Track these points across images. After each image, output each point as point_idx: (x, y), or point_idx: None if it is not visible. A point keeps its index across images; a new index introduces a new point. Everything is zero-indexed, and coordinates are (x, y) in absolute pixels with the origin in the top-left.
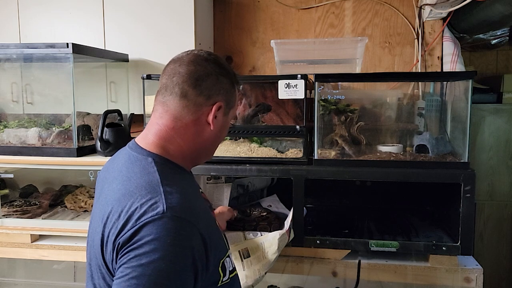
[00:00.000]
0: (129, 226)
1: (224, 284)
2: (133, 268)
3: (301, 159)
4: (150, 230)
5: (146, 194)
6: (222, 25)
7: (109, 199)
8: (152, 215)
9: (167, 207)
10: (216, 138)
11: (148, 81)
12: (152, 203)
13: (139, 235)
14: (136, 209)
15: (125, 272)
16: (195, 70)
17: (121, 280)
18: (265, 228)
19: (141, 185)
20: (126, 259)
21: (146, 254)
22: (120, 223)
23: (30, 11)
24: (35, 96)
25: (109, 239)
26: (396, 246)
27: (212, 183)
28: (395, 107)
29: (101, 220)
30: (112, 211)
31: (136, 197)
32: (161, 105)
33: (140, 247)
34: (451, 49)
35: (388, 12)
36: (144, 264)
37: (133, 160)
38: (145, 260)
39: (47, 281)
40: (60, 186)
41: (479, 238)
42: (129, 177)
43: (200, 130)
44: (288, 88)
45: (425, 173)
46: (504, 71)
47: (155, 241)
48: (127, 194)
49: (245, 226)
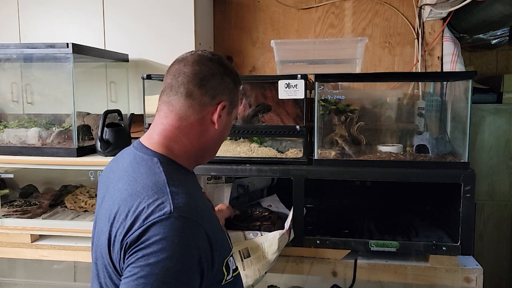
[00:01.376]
0: (137, 226)
1: (227, 283)
2: (141, 267)
3: (301, 159)
4: (158, 230)
5: (153, 194)
6: (222, 25)
7: (116, 199)
8: (159, 215)
9: (174, 207)
10: (219, 137)
11: (148, 81)
12: (159, 203)
13: (146, 235)
14: (144, 209)
15: (133, 271)
16: (200, 70)
17: (129, 279)
18: (269, 228)
19: (147, 186)
20: (134, 258)
21: (154, 254)
22: (127, 223)
23: (30, 11)
24: (35, 96)
25: (116, 239)
26: (396, 246)
27: (212, 183)
28: (395, 107)
29: (108, 220)
30: (119, 211)
31: (143, 197)
32: (166, 104)
33: (148, 246)
34: (451, 49)
35: (388, 12)
36: (152, 264)
37: (138, 160)
38: (153, 259)
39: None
40: (60, 186)
41: (479, 238)
42: (135, 177)
43: (205, 129)
44: (288, 88)
45: (425, 173)
46: (504, 71)
47: (163, 240)
48: (134, 194)
49: (249, 226)
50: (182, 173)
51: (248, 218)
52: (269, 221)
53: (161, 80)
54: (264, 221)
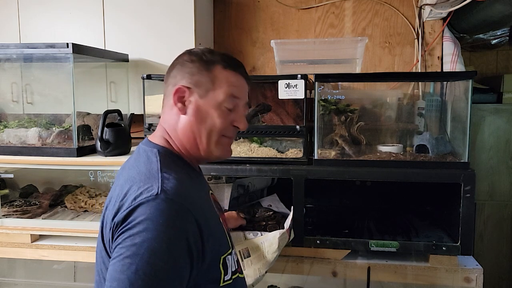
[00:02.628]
0: (125, 206)
1: (226, 285)
2: (127, 247)
3: (301, 159)
4: (144, 210)
5: (145, 179)
6: (222, 25)
7: (115, 187)
8: (146, 196)
9: (162, 190)
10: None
11: (148, 81)
12: (148, 186)
13: (133, 215)
14: (133, 191)
15: (120, 252)
16: (171, 64)
17: (115, 260)
18: (274, 227)
19: (142, 172)
20: (121, 239)
21: (139, 234)
22: (117, 204)
23: (30, 11)
24: (35, 96)
25: (107, 221)
26: (396, 246)
27: (212, 183)
28: (395, 107)
29: (106, 206)
30: (114, 195)
31: (135, 182)
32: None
33: (133, 227)
34: (451, 49)
35: (388, 12)
36: (137, 244)
37: (141, 152)
38: (138, 239)
39: (47, 281)
40: (60, 186)
41: (479, 238)
42: (134, 165)
43: (177, 119)
44: (288, 88)
45: (425, 173)
46: (504, 71)
47: (148, 220)
48: (129, 179)
49: (255, 226)
50: (179, 164)
51: (253, 219)
52: (274, 220)
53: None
54: (270, 221)
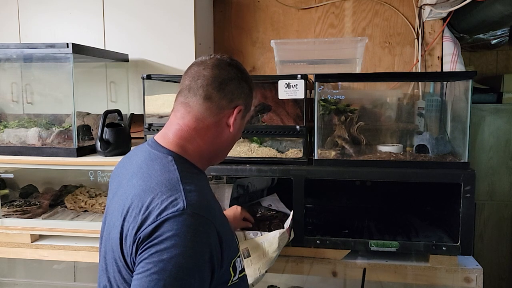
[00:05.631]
0: (150, 221)
1: (233, 284)
2: (154, 263)
3: (301, 159)
4: (171, 226)
5: (166, 191)
6: (222, 25)
7: (129, 194)
8: (172, 211)
9: (187, 204)
10: (233, 140)
11: (148, 81)
12: (173, 200)
13: (160, 231)
14: (157, 205)
15: (146, 267)
16: (219, 74)
17: (142, 275)
18: (278, 226)
19: (161, 182)
20: (147, 254)
21: (167, 250)
22: (140, 218)
23: (30, 11)
24: (35, 96)
25: (128, 233)
26: (396, 246)
27: (213, 183)
28: (395, 107)
29: (121, 214)
30: (132, 206)
31: (157, 193)
32: (183, 106)
33: (161, 242)
34: (451, 49)
35: (388, 12)
36: (165, 260)
37: (153, 157)
38: (166, 255)
39: (47, 281)
40: (60, 186)
41: (479, 238)
42: (149, 173)
43: (220, 131)
44: (288, 88)
45: (425, 173)
46: (504, 71)
47: (176, 237)
48: (148, 190)
49: (260, 226)
50: (194, 172)
51: (256, 219)
52: (277, 219)
53: (161, 80)
54: (273, 220)
